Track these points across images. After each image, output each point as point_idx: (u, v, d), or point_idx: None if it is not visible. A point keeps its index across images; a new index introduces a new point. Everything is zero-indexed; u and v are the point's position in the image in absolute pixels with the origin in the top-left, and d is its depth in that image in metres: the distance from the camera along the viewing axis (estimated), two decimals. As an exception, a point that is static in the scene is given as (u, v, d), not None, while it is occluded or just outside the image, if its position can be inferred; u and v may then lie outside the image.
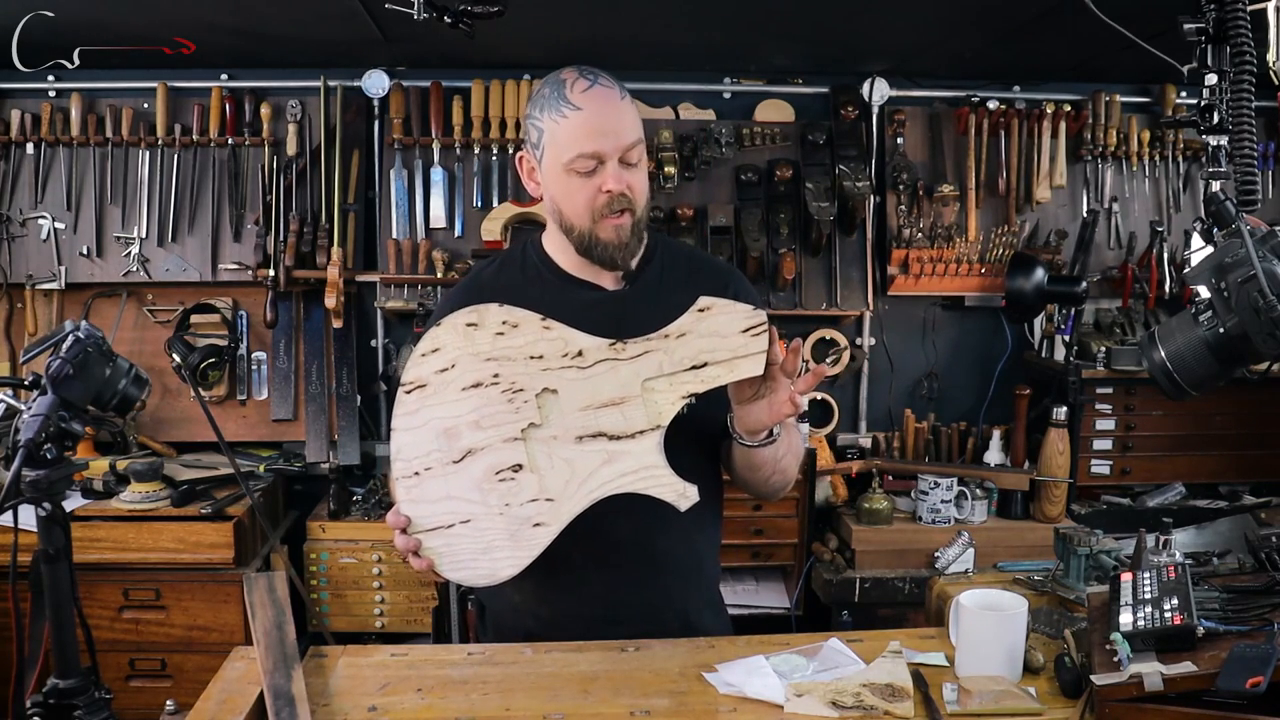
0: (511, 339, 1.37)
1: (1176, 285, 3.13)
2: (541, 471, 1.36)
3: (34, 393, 1.38)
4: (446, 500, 1.37)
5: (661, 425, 1.35)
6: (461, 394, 1.37)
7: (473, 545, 1.37)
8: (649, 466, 1.35)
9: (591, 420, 1.36)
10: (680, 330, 1.35)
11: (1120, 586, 1.39)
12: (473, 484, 1.36)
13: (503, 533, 1.36)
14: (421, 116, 3.10)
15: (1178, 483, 3.13)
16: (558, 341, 1.37)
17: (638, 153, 1.50)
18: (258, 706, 1.33)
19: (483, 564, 1.37)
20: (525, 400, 1.36)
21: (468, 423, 1.37)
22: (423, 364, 1.39)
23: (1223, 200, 1.39)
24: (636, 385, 1.35)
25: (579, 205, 1.50)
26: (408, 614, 2.93)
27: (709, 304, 1.36)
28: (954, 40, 2.80)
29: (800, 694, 1.34)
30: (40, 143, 3.02)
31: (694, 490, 1.36)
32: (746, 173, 3.15)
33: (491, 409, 1.37)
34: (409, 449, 1.38)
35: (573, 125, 1.46)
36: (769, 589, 3.14)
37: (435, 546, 1.37)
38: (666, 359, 1.35)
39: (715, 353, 1.34)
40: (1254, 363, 1.42)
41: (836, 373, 3.22)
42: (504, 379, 1.37)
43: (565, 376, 1.36)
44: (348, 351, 3.16)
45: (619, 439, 1.35)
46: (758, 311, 1.35)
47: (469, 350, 1.38)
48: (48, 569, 1.34)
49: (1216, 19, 1.41)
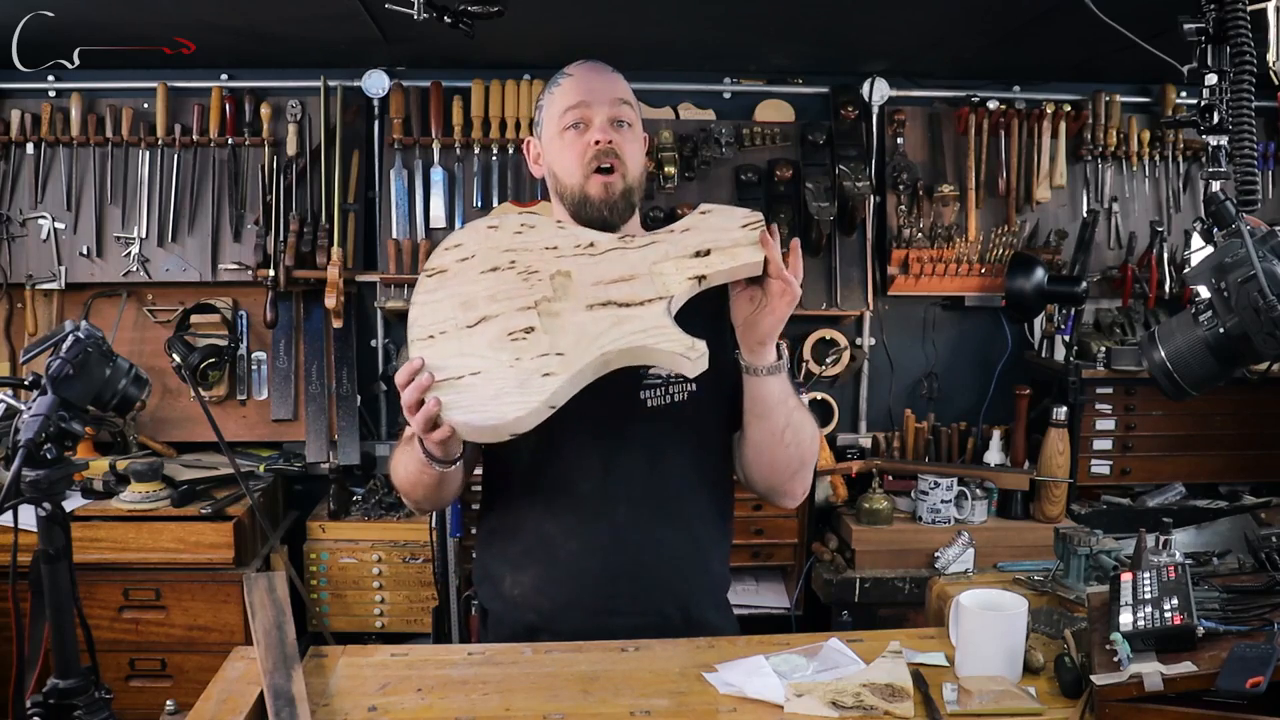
0: (529, 236, 1.47)
1: (1176, 285, 3.13)
2: (553, 332, 1.41)
3: (34, 393, 1.38)
4: (459, 356, 1.40)
5: (670, 295, 1.41)
6: (480, 275, 1.45)
7: (482, 393, 1.38)
8: (658, 326, 1.40)
9: (601, 292, 1.43)
10: (684, 226, 1.46)
11: (1120, 586, 1.39)
12: (486, 343, 1.41)
13: (512, 381, 1.38)
14: (421, 116, 3.10)
15: (1178, 483, 3.14)
16: (570, 236, 1.48)
17: (628, 114, 1.59)
18: (258, 706, 1.33)
19: (491, 408, 1.37)
20: (540, 279, 1.44)
21: (484, 296, 1.44)
22: (444, 255, 1.48)
23: (1223, 200, 1.39)
24: (645, 265, 1.44)
25: (570, 161, 1.56)
26: (408, 614, 2.93)
27: (709, 207, 1.47)
28: (954, 40, 2.80)
29: (800, 694, 1.33)
30: (40, 143, 3.02)
31: (703, 345, 1.37)
32: (746, 173, 3.15)
33: (507, 285, 1.44)
34: (425, 318, 1.44)
35: (564, 89, 1.59)
36: (769, 589, 3.14)
37: (444, 393, 1.38)
38: (673, 248, 1.44)
39: (718, 241, 1.43)
40: (1254, 363, 1.42)
41: (836, 373, 3.22)
42: (520, 264, 1.45)
43: (578, 261, 1.45)
44: (348, 351, 3.16)
45: (628, 305, 1.42)
46: (755, 212, 1.45)
47: (488, 245, 1.47)
48: (48, 569, 1.34)
49: (1216, 19, 1.41)
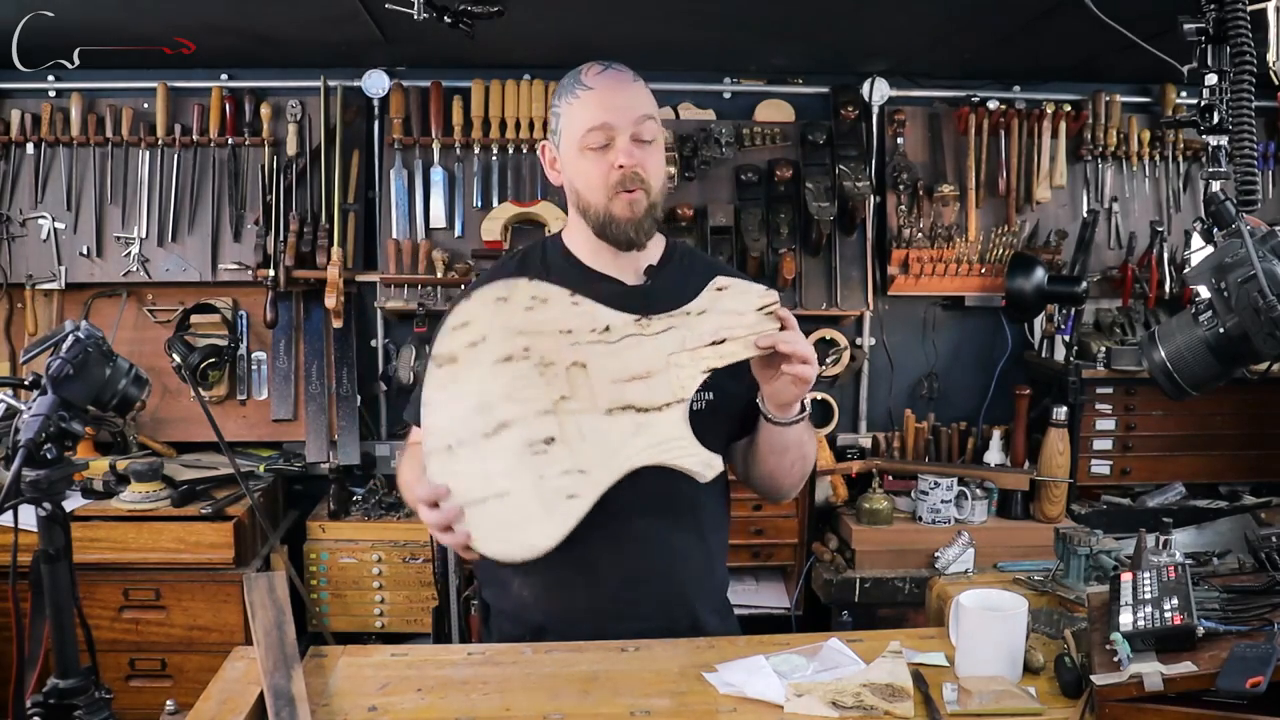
0: (541, 313, 1.40)
1: (1176, 285, 3.13)
2: (573, 444, 1.38)
3: (34, 393, 1.38)
4: (482, 475, 1.36)
5: (685, 398, 1.41)
6: (493, 368, 1.38)
7: (510, 518, 1.36)
8: (676, 438, 1.40)
9: (619, 393, 1.40)
10: (700, 308, 1.42)
11: (1120, 586, 1.39)
12: (508, 457, 1.37)
13: (537, 505, 1.36)
14: (421, 116, 3.10)
15: (1178, 483, 3.13)
16: (586, 316, 1.41)
17: (650, 130, 1.54)
18: (258, 706, 1.33)
19: (519, 537, 1.36)
20: (556, 374, 1.39)
21: (500, 395, 1.38)
22: (453, 338, 1.39)
23: (1223, 200, 1.39)
24: (661, 359, 1.41)
25: (594, 181, 1.53)
26: (408, 614, 2.93)
27: (726, 283, 1.43)
28: (954, 40, 2.79)
29: (800, 694, 1.34)
30: (40, 143, 3.02)
31: (718, 460, 1.42)
32: (746, 173, 3.15)
33: (523, 382, 1.39)
34: (442, 423, 1.38)
35: (584, 103, 1.53)
36: (769, 589, 3.14)
37: (473, 519, 1.36)
38: (689, 334, 1.42)
39: (733, 329, 1.41)
40: (1254, 363, 1.42)
41: (836, 373, 3.22)
42: (534, 352, 1.39)
43: (594, 351, 1.40)
44: (348, 351, 3.16)
45: (646, 411, 1.40)
46: (770, 291, 1.43)
47: (499, 324, 1.39)
48: (48, 569, 1.34)
49: (1216, 19, 1.41)
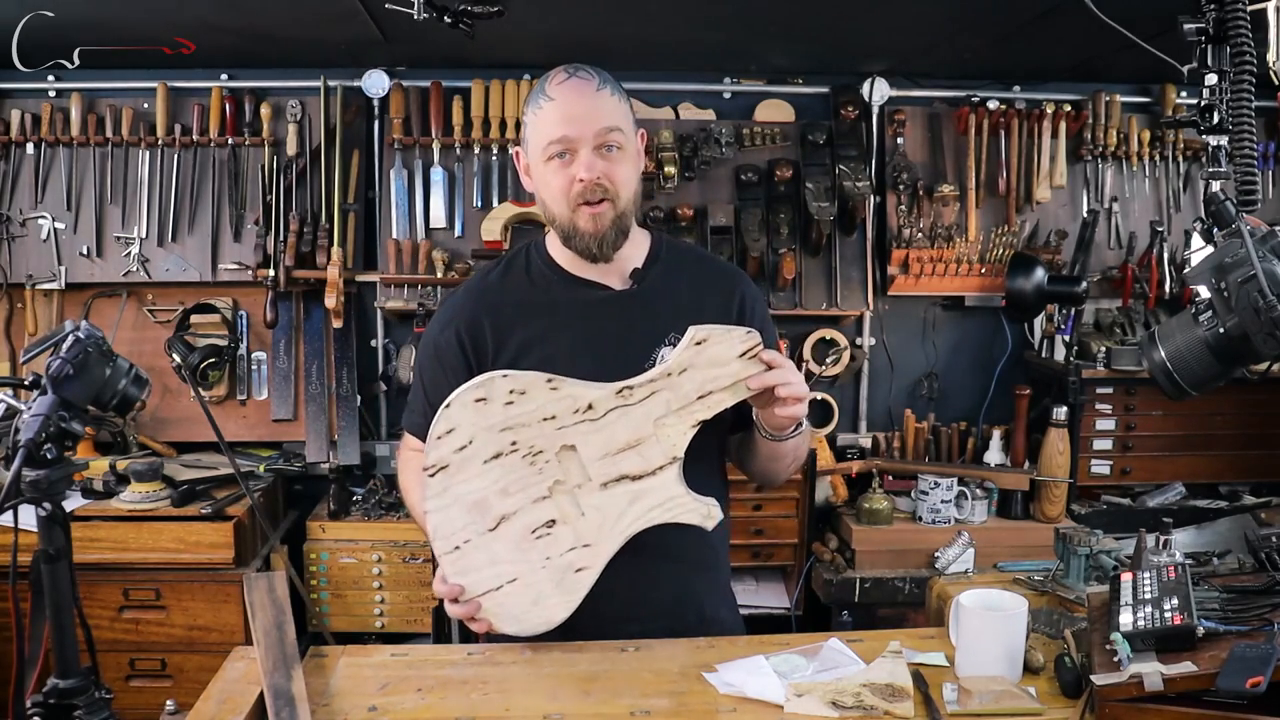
0: (522, 405, 1.40)
1: (1176, 285, 3.13)
2: (574, 522, 1.42)
3: (34, 393, 1.38)
4: (491, 566, 1.42)
5: (678, 458, 1.42)
6: (484, 467, 1.41)
7: (524, 599, 1.43)
8: (673, 497, 1.43)
9: (612, 466, 1.41)
10: (681, 366, 1.40)
11: (1120, 586, 1.39)
12: (512, 545, 1.42)
13: (549, 583, 1.42)
14: (421, 116, 3.10)
15: (1178, 483, 3.13)
16: (567, 399, 1.41)
17: (616, 139, 1.50)
18: (258, 706, 1.33)
19: (534, 614, 1.43)
20: (546, 460, 1.41)
21: (495, 492, 1.41)
22: (440, 445, 1.41)
23: (1223, 200, 1.39)
24: (648, 425, 1.41)
25: (556, 193, 1.52)
26: (408, 614, 2.93)
27: (704, 335, 1.40)
28: (954, 40, 2.79)
29: (800, 694, 1.34)
30: (40, 143, 3.02)
31: (717, 509, 1.45)
32: (746, 173, 3.15)
33: (516, 475, 1.41)
34: (444, 527, 1.42)
35: (546, 115, 1.51)
36: (769, 589, 3.14)
37: (489, 608, 1.43)
38: (673, 396, 1.41)
39: (718, 380, 1.41)
40: (1254, 363, 1.42)
41: (836, 373, 3.22)
42: (522, 444, 1.41)
43: (580, 431, 1.41)
44: (348, 351, 3.16)
45: (641, 478, 1.42)
46: (751, 333, 1.40)
47: (483, 425, 1.40)
48: (48, 569, 1.34)
49: (1216, 19, 1.41)
